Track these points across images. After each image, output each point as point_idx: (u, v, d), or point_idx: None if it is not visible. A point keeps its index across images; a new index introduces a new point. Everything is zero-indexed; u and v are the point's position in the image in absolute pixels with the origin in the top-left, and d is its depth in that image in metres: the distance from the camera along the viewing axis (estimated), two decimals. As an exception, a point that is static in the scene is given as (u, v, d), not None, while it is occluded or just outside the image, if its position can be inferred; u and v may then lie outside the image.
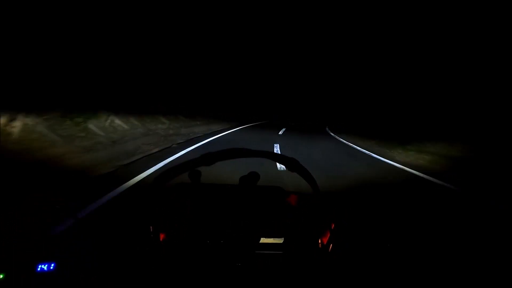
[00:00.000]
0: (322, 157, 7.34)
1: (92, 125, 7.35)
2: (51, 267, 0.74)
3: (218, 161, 0.91)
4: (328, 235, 1.01)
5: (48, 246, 0.79)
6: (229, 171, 2.94)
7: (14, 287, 0.70)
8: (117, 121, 8.45)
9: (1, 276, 0.69)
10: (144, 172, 4.32)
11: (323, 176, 4.81)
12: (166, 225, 0.98)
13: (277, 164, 4.97)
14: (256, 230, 0.99)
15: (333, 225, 1.01)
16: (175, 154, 6.02)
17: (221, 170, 2.81)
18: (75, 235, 0.86)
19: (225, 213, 1.00)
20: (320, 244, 1.04)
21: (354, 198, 3.96)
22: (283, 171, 4.83)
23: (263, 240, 0.99)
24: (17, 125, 5.65)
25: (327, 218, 1.04)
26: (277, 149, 8.08)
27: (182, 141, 8.02)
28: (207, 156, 0.90)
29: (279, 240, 1.01)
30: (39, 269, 0.73)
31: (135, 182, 3.78)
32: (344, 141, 11.82)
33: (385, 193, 4.44)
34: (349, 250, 1.02)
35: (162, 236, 0.98)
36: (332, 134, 15.49)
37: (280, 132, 13.68)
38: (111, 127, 7.95)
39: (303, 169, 0.99)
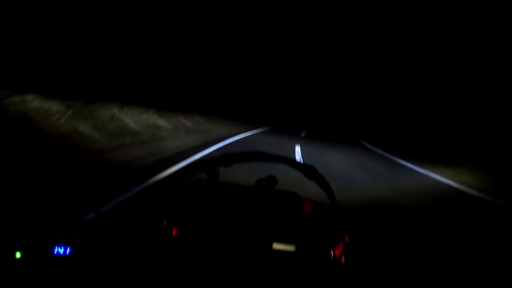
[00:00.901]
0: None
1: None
2: (67, 251, 0.76)
3: (237, 163, 0.92)
4: (342, 247, 0.99)
5: (66, 231, 0.82)
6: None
7: (30, 267, 0.72)
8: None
9: (19, 254, 0.72)
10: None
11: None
12: (179, 221, 0.99)
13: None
14: (269, 235, 0.99)
15: (347, 237, 0.99)
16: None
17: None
18: (92, 222, 0.89)
19: (240, 214, 1.00)
20: (332, 256, 1.02)
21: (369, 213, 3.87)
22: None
23: (275, 245, 0.98)
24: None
25: (342, 230, 1.02)
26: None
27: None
28: (227, 158, 0.91)
29: (291, 247, 1.00)
30: (55, 251, 0.75)
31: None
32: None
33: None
34: (362, 264, 1.00)
35: (174, 231, 0.98)
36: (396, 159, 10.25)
37: (298, 155, 8.10)
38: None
39: (321, 179, 0.98)
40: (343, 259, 0.97)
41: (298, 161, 0.98)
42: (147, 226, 0.92)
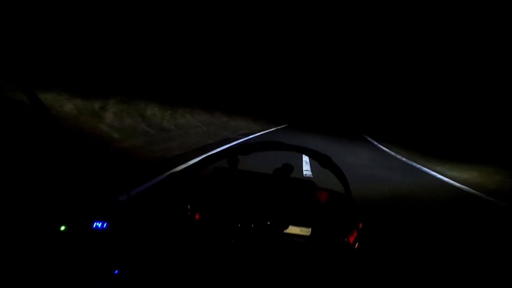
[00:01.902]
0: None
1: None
2: (104, 226, 0.86)
3: (254, 152, 0.97)
4: (355, 234, 1.02)
5: (104, 208, 0.92)
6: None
7: (73, 238, 0.83)
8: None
9: (64, 227, 0.82)
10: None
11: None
12: (201, 206, 1.07)
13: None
14: (285, 219, 1.04)
15: (360, 225, 1.03)
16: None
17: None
18: (125, 202, 0.98)
19: (258, 199, 1.06)
20: (346, 241, 1.06)
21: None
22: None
23: (291, 228, 1.04)
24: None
25: (356, 217, 1.05)
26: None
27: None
28: (245, 147, 0.97)
29: (306, 231, 1.05)
30: (94, 226, 0.85)
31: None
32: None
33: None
34: (375, 251, 1.03)
35: (197, 215, 1.06)
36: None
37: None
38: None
39: (335, 167, 1.02)
40: (356, 245, 1.01)
41: (313, 149, 1.01)
42: (172, 210, 1.01)
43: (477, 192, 6.25)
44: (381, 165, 8.08)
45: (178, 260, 0.89)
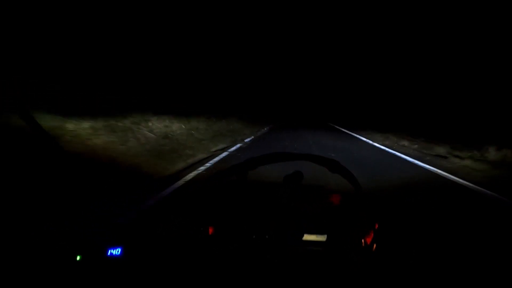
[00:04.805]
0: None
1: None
2: (119, 252, 0.84)
3: (261, 165, 0.96)
4: (372, 235, 1.01)
5: (117, 233, 0.90)
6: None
7: (89, 268, 0.82)
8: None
9: (79, 257, 0.81)
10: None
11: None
12: (214, 221, 1.06)
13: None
14: (300, 227, 1.03)
15: (377, 225, 1.01)
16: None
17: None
18: (138, 224, 0.97)
19: (270, 209, 1.05)
20: (363, 244, 1.04)
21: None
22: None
23: (306, 236, 1.03)
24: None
25: (371, 218, 1.04)
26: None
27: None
28: (251, 161, 0.96)
29: (322, 238, 1.03)
30: (109, 253, 0.84)
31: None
32: None
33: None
34: (394, 251, 1.02)
35: (210, 230, 1.05)
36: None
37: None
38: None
39: (345, 170, 1.00)
40: (374, 246, 1.00)
41: (319, 156, 1.00)
42: (185, 227, 0.99)
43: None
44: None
45: (195, 279, 0.88)
